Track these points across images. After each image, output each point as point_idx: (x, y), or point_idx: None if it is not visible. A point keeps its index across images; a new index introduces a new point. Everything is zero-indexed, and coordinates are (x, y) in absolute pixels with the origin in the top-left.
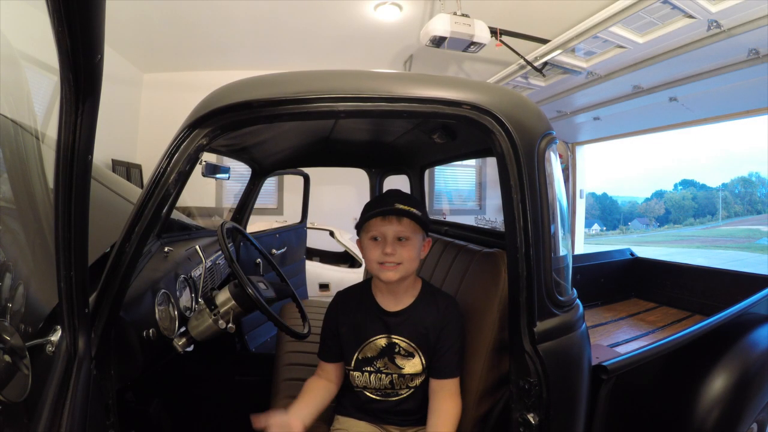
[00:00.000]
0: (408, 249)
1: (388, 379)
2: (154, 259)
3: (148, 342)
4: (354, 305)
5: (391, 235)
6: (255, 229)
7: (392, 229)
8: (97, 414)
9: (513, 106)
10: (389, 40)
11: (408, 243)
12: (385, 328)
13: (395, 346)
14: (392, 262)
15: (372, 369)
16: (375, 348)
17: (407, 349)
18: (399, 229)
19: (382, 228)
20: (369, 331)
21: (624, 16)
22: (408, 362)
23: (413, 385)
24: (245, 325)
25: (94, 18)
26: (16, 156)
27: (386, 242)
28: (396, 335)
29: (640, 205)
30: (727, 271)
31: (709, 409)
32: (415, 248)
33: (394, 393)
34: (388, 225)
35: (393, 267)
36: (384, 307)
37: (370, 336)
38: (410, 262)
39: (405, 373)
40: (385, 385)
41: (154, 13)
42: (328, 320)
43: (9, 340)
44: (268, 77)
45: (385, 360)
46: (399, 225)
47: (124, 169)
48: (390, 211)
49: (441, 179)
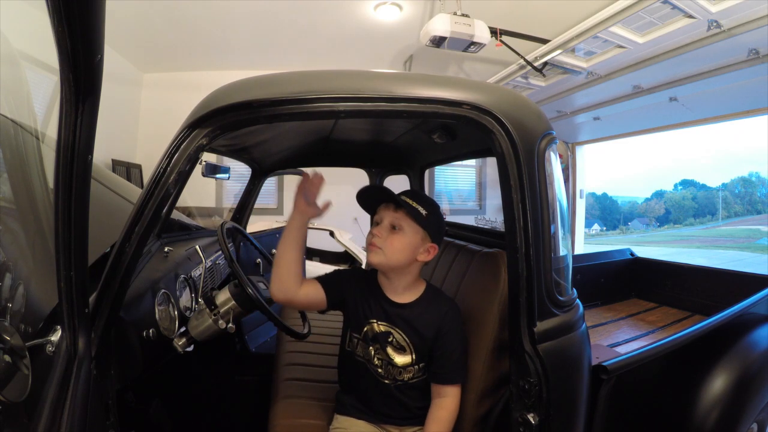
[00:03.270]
0: (396, 239)
1: (380, 363)
2: (154, 259)
3: (148, 342)
4: (365, 285)
5: (387, 221)
6: (255, 229)
7: (389, 215)
8: (97, 414)
9: (513, 106)
10: (389, 40)
11: (399, 233)
12: (385, 316)
13: (390, 335)
14: (375, 244)
15: (373, 348)
16: (372, 330)
17: (401, 342)
18: (395, 216)
19: (381, 212)
20: (371, 313)
21: (624, 16)
22: (398, 354)
23: (401, 378)
24: (245, 325)
25: (94, 18)
26: (16, 156)
27: (380, 226)
28: (393, 325)
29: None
30: (727, 271)
31: (709, 409)
32: (404, 241)
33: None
34: (385, 210)
35: (374, 248)
36: (388, 295)
37: (371, 318)
38: (394, 252)
39: (394, 363)
40: (381, 366)
41: (154, 13)
42: (342, 276)
43: (9, 340)
44: (268, 77)
45: (378, 345)
46: (395, 213)
47: (124, 169)
48: (390, 197)
49: (441, 179)
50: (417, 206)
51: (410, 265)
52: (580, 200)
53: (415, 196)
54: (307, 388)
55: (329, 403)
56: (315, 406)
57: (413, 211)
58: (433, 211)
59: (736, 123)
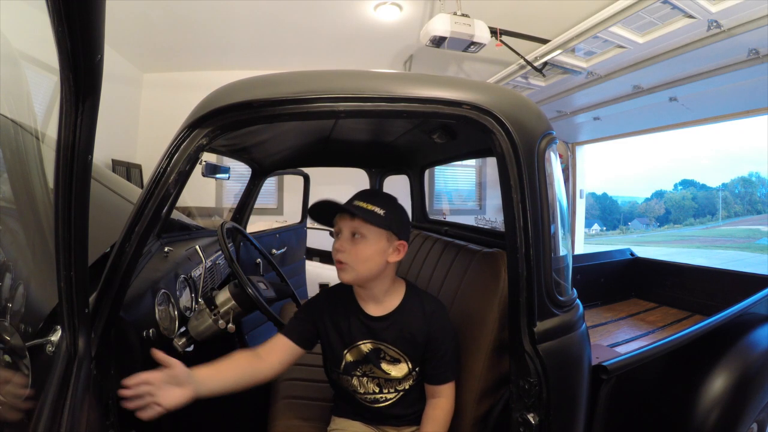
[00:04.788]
0: (361, 248)
1: (375, 382)
2: (154, 259)
3: (148, 342)
4: (340, 306)
5: (346, 230)
6: (255, 229)
7: (346, 224)
8: (97, 414)
9: (513, 106)
10: (389, 40)
11: (362, 242)
12: (369, 333)
13: (380, 352)
14: (341, 261)
15: (359, 373)
16: (360, 352)
17: (393, 356)
18: (353, 224)
19: (339, 222)
20: (354, 335)
21: (624, 16)
22: (394, 367)
23: (401, 388)
24: (245, 325)
25: (94, 18)
26: (16, 156)
27: (341, 238)
28: (381, 341)
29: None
30: (727, 271)
31: (709, 409)
32: (368, 248)
33: (383, 398)
34: (342, 220)
35: (342, 266)
36: (367, 311)
37: (356, 340)
38: (362, 263)
39: (392, 377)
40: (373, 389)
41: (154, 13)
42: (311, 307)
43: (9, 340)
44: (268, 77)
45: (371, 366)
46: (352, 222)
47: (124, 169)
48: (339, 207)
49: (441, 179)
50: (372, 207)
51: (384, 270)
52: (580, 200)
53: (368, 197)
54: (307, 388)
55: (328, 403)
56: (314, 406)
57: (369, 214)
58: (390, 207)
59: (736, 123)
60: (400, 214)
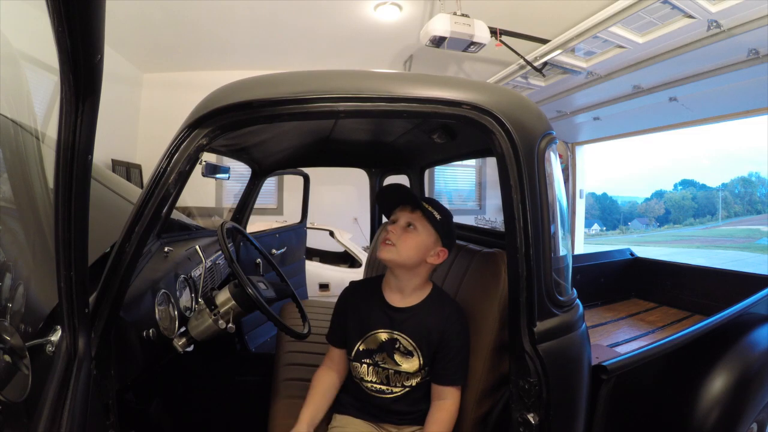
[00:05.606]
0: (410, 237)
1: (385, 373)
2: (154, 259)
3: (148, 342)
4: (363, 296)
5: (403, 220)
6: (255, 229)
7: (405, 215)
8: (97, 414)
9: (513, 106)
10: (389, 40)
11: (413, 232)
12: (388, 323)
13: (396, 342)
14: (389, 240)
15: (370, 362)
16: (376, 341)
17: (407, 347)
18: (411, 216)
19: (398, 213)
20: (373, 323)
21: (624, 16)
22: (406, 360)
23: (408, 384)
24: (245, 325)
25: (94, 18)
26: (16, 156)
27: (396, 225)
28: (398, 331)
29: (640, 205)
30: (727, 271)
31: (709, 409)
32: (417, 240)
33: (389, 390)
34: (402, 211)
35: (387, 245)
36: (390, 302)
37: (373, 328)
38: (406, 249)
39: (402, 370)
40: (381, 380)
41: (154, 13)
42: (340, 305)
43: (9, 340)
44: (268, 77)
45: (384, 355)
46: (412, 214)
47: (124, 169)
48: (408, 200)
49: (441, 179)
50: (432, 210)
51: (420, 266)
52: (580, 200)
53: (432, 202)
54: (307, 388)
55: None
56: None
57: (429, 213)
58: (446, 218)
59: (735, 123)
60: (451, 227)
